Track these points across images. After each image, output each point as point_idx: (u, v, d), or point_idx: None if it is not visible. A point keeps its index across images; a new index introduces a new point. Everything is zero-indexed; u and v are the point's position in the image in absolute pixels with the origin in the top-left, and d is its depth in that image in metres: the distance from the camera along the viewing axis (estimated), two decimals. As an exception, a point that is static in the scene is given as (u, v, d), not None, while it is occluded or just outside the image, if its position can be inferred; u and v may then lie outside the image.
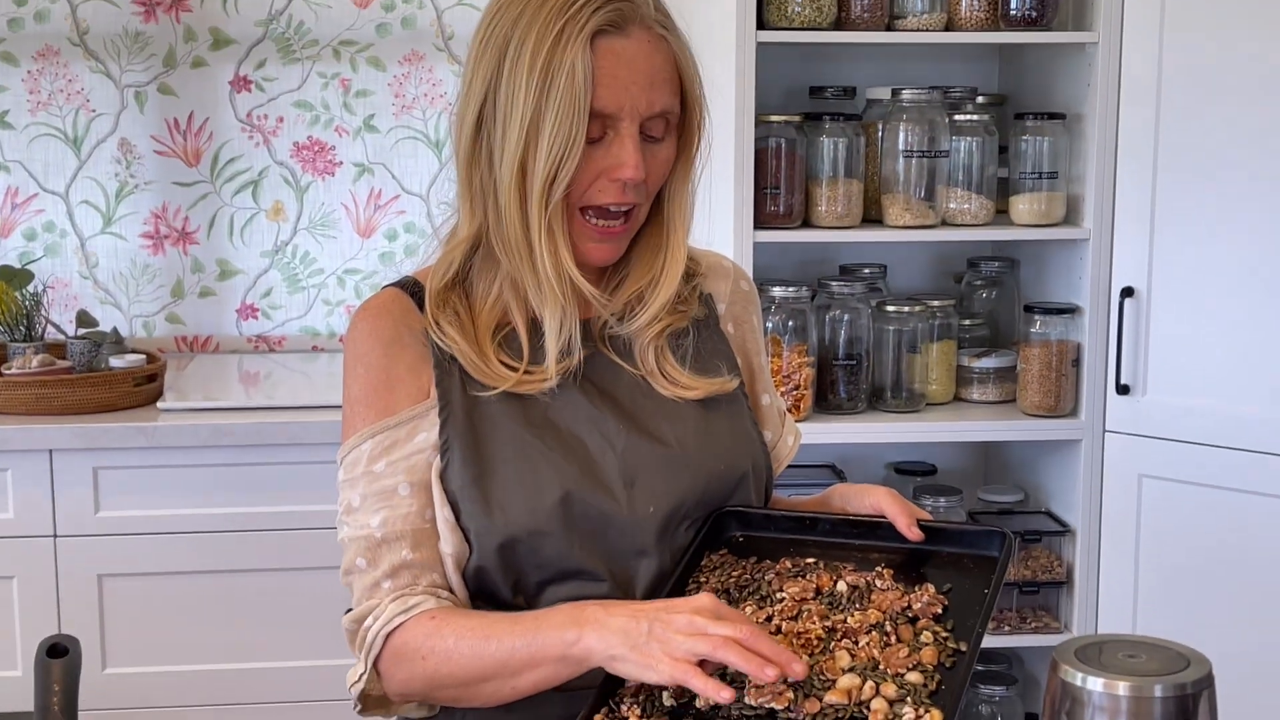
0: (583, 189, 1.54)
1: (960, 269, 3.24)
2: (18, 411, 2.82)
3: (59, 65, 3.28)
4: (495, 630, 1.47)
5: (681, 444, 1.62)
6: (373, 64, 3.37)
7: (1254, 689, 2.70)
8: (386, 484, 1.57)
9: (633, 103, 1.52)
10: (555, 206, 1.53)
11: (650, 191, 1.59)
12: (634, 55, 1.52)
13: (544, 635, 1.44)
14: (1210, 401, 2.76)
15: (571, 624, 1.42)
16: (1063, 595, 3.00)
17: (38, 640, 1.58)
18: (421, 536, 1.56)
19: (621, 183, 1.53)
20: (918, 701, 1.38)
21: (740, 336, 1.75)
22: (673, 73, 1.56)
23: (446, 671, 1.49)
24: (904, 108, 2.91)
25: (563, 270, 1.56)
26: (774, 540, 1.64)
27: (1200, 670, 1.23)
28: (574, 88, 1.49)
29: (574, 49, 1.49)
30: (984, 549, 1.58)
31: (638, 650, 1.36)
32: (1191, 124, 2.73)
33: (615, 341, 1.65)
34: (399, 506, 1.56)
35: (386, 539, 1.55)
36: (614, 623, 1.39)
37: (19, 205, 3.32)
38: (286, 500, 2.85)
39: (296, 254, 3.40)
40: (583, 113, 1.49)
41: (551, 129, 1.49)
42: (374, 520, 1.56)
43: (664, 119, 1.55)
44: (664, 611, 1.38)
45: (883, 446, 3.10)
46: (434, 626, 1.50)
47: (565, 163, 1.51)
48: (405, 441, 1.58)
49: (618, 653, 1.38)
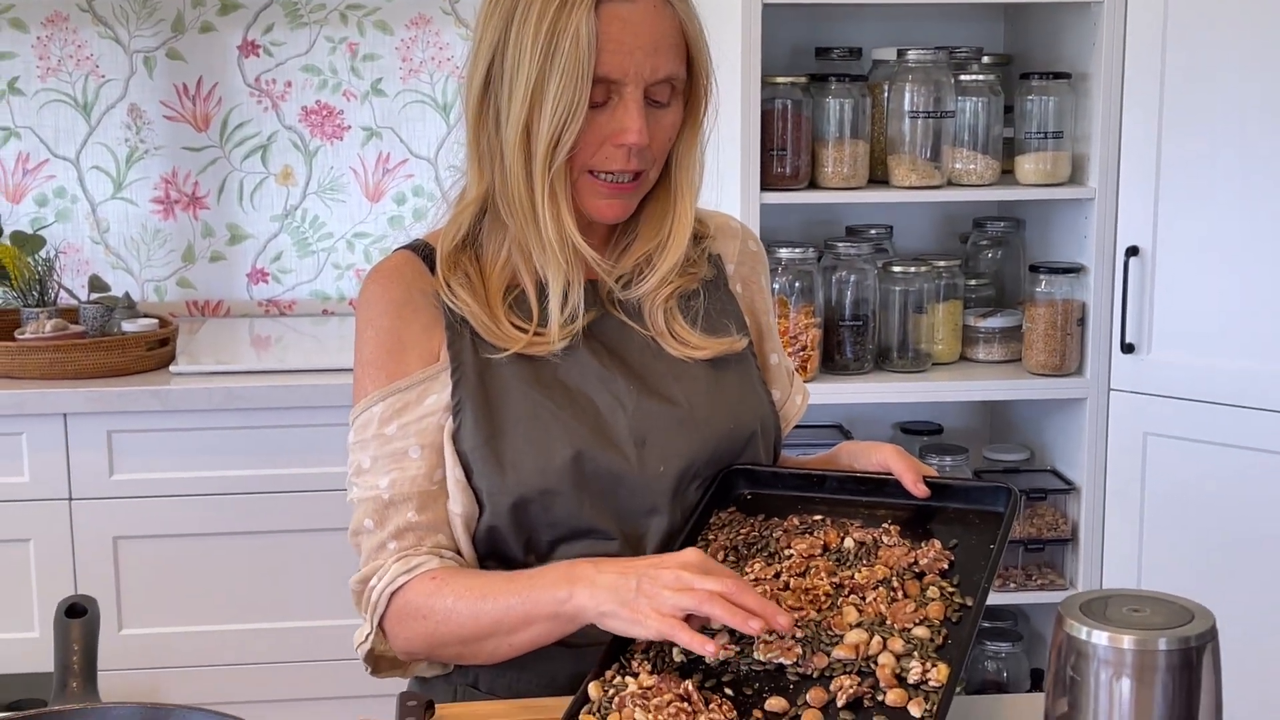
0: (589, 154, 1.54)
1: (966, 229, 3.24)
2: (32, 376, 2.83)
3: (68, 31, 3.28)
4: (492, 589, 1.49)
5: (691, 403, 1.63)
6: (380, 28, 3.36)
7: (1257, 643, 2.72)
8: (397, 446, 1.58)
9: (637, 68, 1.52)
10: (559, 170, 1.53)
11: (656, 157, 1.58)
12: (639, 21, 1.52)
13: (537, 594, 1.46)
14: (1215, 360, 2.76)
15: (564, 582, 1.44)
16: (1068, 552, 3.01)
17: (54, 602, 1.59)
18: (428, 499, 1.58)
19: (626, 149, 1.53)
20: (924, 656, 1.39)
21: (749, 296, 1.75)
22: (678, 39, 1.55)
23: (447, 630, 1.51)
24: (909, 68, 2.90)
25: (565, 233, 1.56)
26: (782, 498, 1.65)
27: (1204, 624, 1.24)
28: (578, 52, 1.49)
29: (579, 13, 1.49)
30: (990, 505, 1.58)
31: (627, 606, 1.39)
32: (1197, 82, 2.72)
33: (625, 303, 1.65)
34: (408, 469, 1.57)
35: (394, 500, 1.57)
36: (604, 580, 1.42)
37: (30, 171, 3.32)
38: (298, 462, 2.86)
39: (306, 218, 3.40)
40: (586, 77, 1.49)
41: (556, 92, 1.50)
42: (383, 482, 1.57)
43: (669, 85, 1.55)
44: (652, 568, 1.40)
45: (889, 406, 3.10)
46: (434, 587, 1.52)
47: (569, 126, 1.51)
48: (416, 404, 1.58)
49: (608, 609, 1.40)
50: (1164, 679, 1.22)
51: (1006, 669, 3.09)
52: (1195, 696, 1.23)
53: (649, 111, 1.55)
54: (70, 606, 1.53)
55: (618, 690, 1.40)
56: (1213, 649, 1.24)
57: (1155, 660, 1.22)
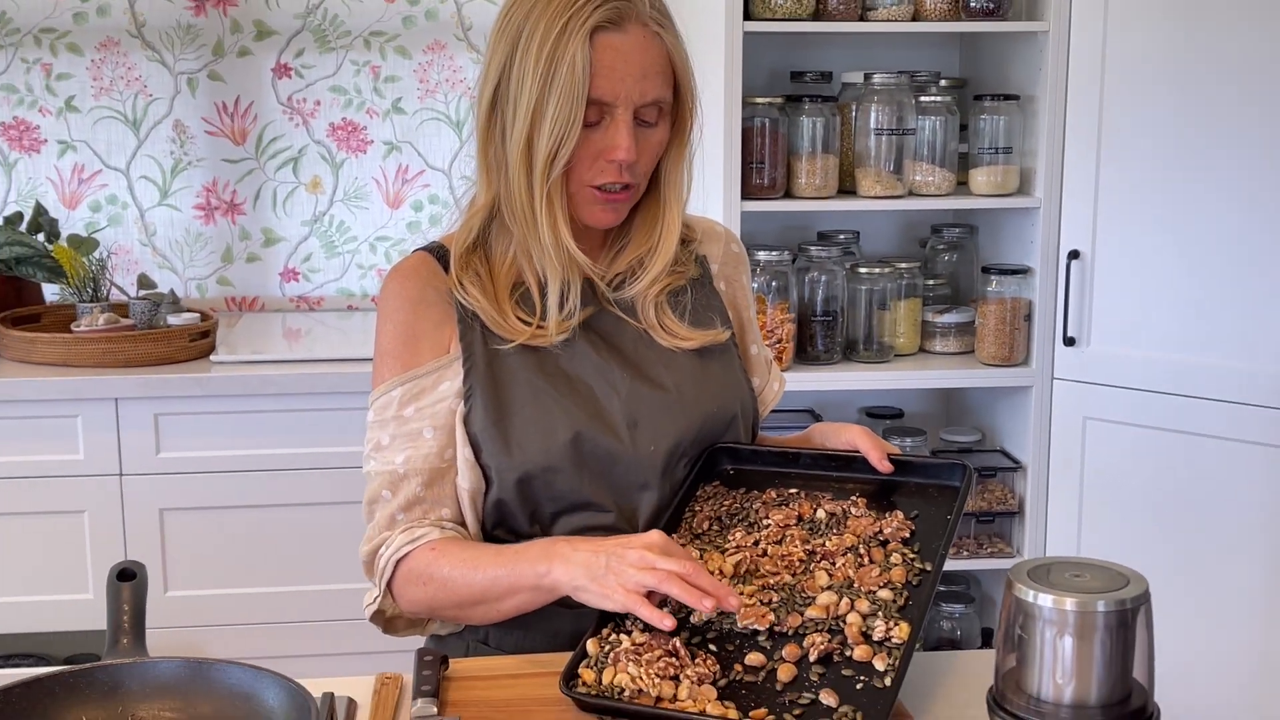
0: (584, 168, 1.54)
1: (925, 234, 3.24)
2: (87, 364, 2.82)
3: (119, 55, 3.27)
4: (481, 561, 1.51)
5: (679, 389, 1.62)
6: (400, 52, 3.35)
7: (1183, 603, 2.72)
8: (414, 427, 1.58)
9: (627, 92, 1.52)
10: (556, 182, 1.53)
11: (644, 171, 1.58)
12: (630, 50, 1.51)
13: (520, 567, 1.47)
14: (1147, 352, 2.77)
15: (543, 558, 1.45)
16: (1015, 524, 3.01)
17: (106, 567, 1.58)
18: (436, 475, 1.58)
19: (617, 164, 1.53)
20: (888, 616, 1.39)
21: (731, 293, 1.75)
22: (665, 65, 1.55)
23: (444, 595, 1.53)
24: (875, 90, 2.89)
25: (560, 238, 1.56)
26: (760, 473, 1.65)
27: (1138, 588, 1.24)
28: (574, 77, 1.49)
29: (575, 42, 1.49)
30: (947, 480, 1.59)
31: (597, 581, 1.40)
32: (1131, 105, 2.72)
33: (619, 299, 1.65)
34: (422, 447, 1.58)
35: (407, 474, 1.58)
36: (578, 557, 1.42)
37: (85, 181, 3.31)
38: (325, 442, 2.85)
39: (333, 223, 3.39)
40: (581, 100, 1.49)
41: (553, 112, 1.50)
42: (398, 458, 1.58)
43: (657, 107, 1.55)
44: (619, 547, 1.41)
45: (856, 393, 3.10)
46: (434, 557, 1.54)
47: (565, 143, 1.51)
48: (431, 390, 1.59)
49: (580, 583, 1.41)
50: (1102, 637, 1.22)
51: (960, 628, 3.09)
52: (1130, 652, 1.24)
53: (638, 130, 1.54)
54: (121, 571, 1.53)
55: (613, 646, 1.41)
56: (1146, 610, 1.24)
57: (1094, 620, 1.22)
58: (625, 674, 1.35)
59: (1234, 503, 2.69)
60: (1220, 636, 2.72)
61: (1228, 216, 2.65)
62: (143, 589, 1.52)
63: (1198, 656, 2.72)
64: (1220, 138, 2.63)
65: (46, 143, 3.28)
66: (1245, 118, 2.60)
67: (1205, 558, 2.73)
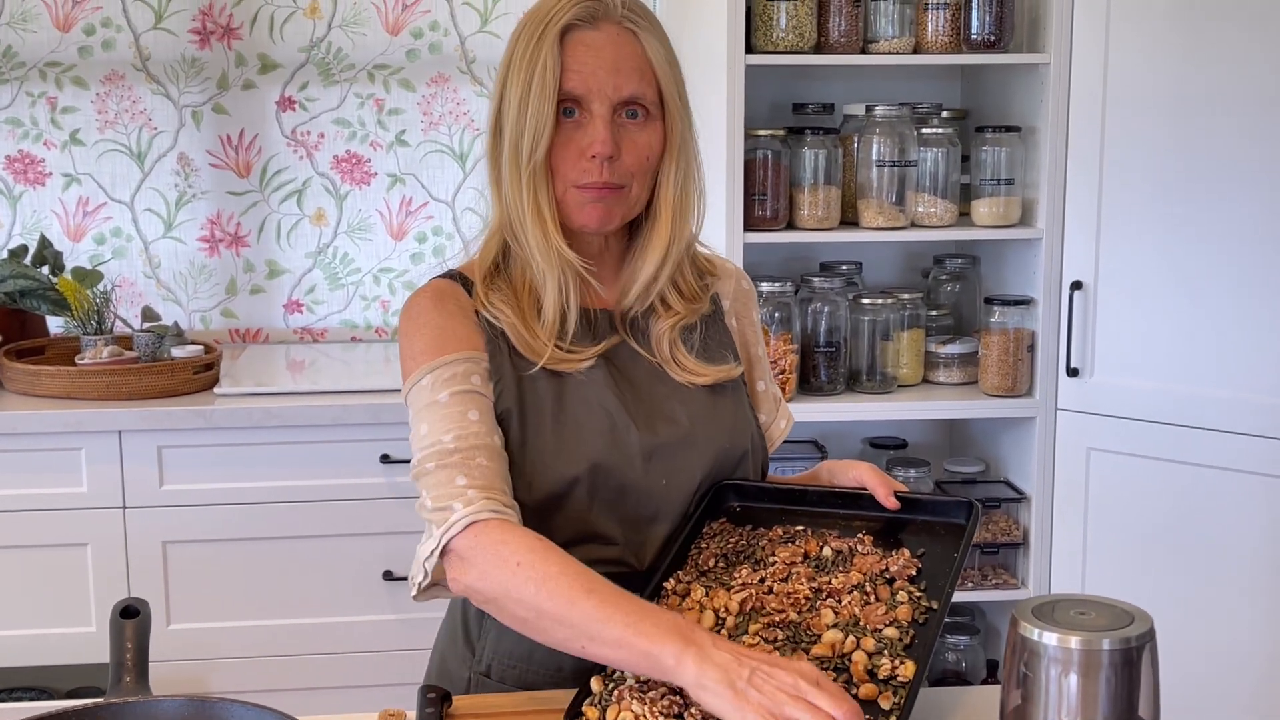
0: (568, 168, 1.55)
1: (927, 265, 3.24)
2: (90, 397, 2.82)
3: (124, 88, 3.28)
4: (599, 589, 1.36)
5: (693, 423, 1.62)
6: (403, 85, 3.36)
7: (1187, 634, 2.71)
8: (455, 409, 1.51)
9: (600, 86, 1.54)
10: (540, 180, 1.54)
11: (630, 170, 1.57)
12: (601, 45, 1.54)
13: (646, 627, 1.32)
14: (1150, 383, 2.76)
15: (679, 637, 1.30)
16: (1020, 555, 3.01)
17: (109, 600, 1.58)
18: (493, 452, 1.50)
19: (598, 161, 1.54)
20: (894, 654, 1.38)
21: (741, 330, 1.75)
22: (641, 62, 1.56)
23: (532, 590, 1.37)
24: (877, 122, 2.90)
25: (549, 238, 1.56)
26: (768, 510, 1.65)
27: (1143, 626, 1.23)
28: (545, 74, 1.53)
29: (548, 42, 1.53)
30: (954, 517, 1.58)
31: (733, 689, 1.26)
32: (1132, 136, 2.73)
33: (636, 332, 1.65)
34: (469, 426, 1.50)
35: (460, 448, 1.48)
36: (718, 657, 1.29)
37: (90, 213, 3.32)
38: (329, 474, 2.85)
39: (336, 255, 3.40)
40: (552, 95, 1.52)
41: (533, 111, 1.53)
42: (446, 436, 1.49)
43: (639, 106, 1.56)
44: (767, 665, 1.28)
45: (859, 424, 3.10)
46: (541, 547, 1.40)
47: (540, 137, 1.53)
48: (462, 378, 1.53)
49: (710, 684, 1.27)
50: (1108, 675, 1.22)
51: (965, 660, 3.08)
52: (1136, 691, 1.23)
53: (622, 129, 1.55)
54: (125, 608, 1.52)
55: (617, 684, 1.40)
56: (1151, 648, 1.24)
57: (1100, 659, 1.21)
58: (629, 712, 1.34)
59: (1238, 534, 2.69)
60: (1225, 668, 2.71)
61: (1230, 247, 2.65)
62: (146, 626, 1.52)
63: (1202, 689, 2.71)
64: (1222, 168, 2.64)
65: (51, 176, 3.29)
66: (1247, 148, 2.61)
67: (1210, 588, 2.72)
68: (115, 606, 1.52)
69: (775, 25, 2.77)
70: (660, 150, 1.59)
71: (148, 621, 1.52)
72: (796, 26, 2.77)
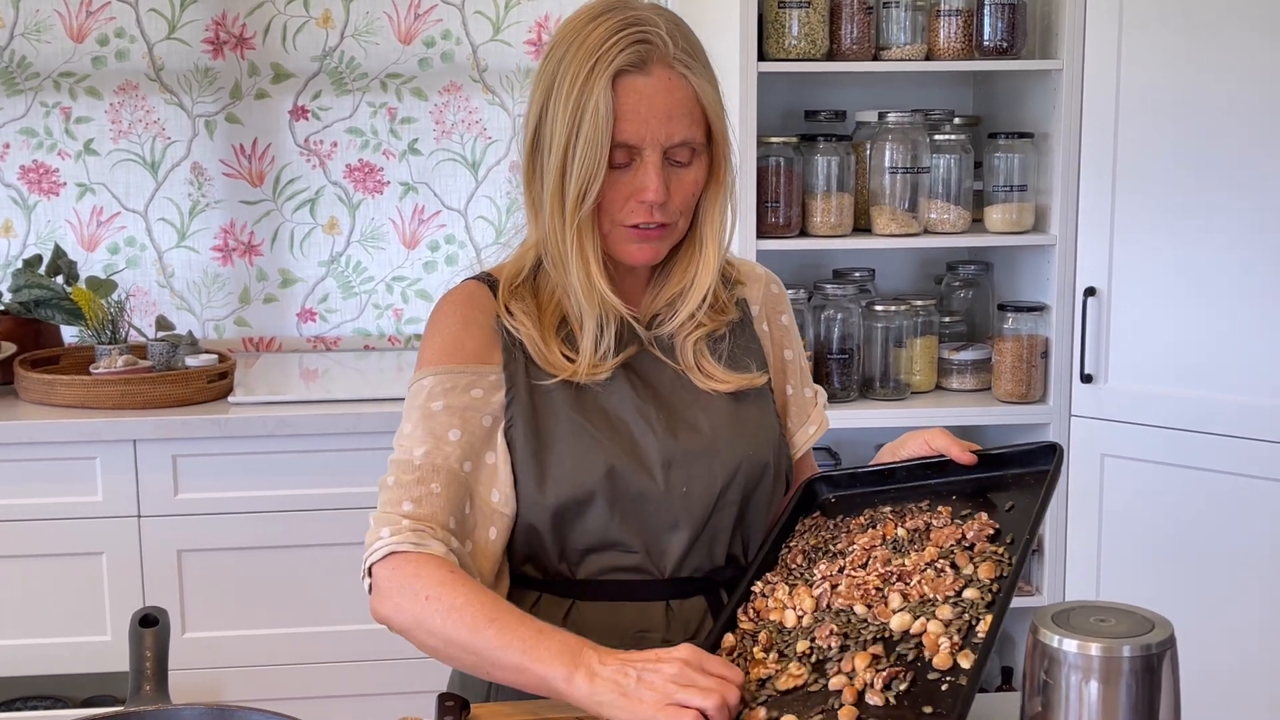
0: (616, 209, 1.55)
1: (940, 272, 3.24)
2: (105, 406, 2.83)
3: (138, 98, 3.29)
4: (500, 617, 1.41)
5: (714, 431, 1.62)
6: (416, 94, 3.37)
7: (1204, 640, 2.70)
8: (439, 424, 1.55)
9: (653, 134, 1.52)
10: (588, 222, 1.54)
11: (678, 210, 1.58)
12: (653, 92, 1.52)
13: (540, 652, 1.37)
14: (1164, 389, 2.76)
15: (568, 660, 1.36)
16: (1035, 562, 3.00)
17: (126, 609, 1.58)
18: (454, 480, 1.53)
19: (647, 205, 1.54)
20: (975, 615, 1.36)
21: (773, 334, 1.75)
22: (693, 106, 1.55)
23: (439, 623, 1.43)
24: (889, 129, 2.90)
25: (592, 279, 1.56)
26: (857, 496, 1.64)
27: (1164, 633, 1.23)
28: (597, 121, 1.50)
29: (599, 87, 1.50)
30: (1040, 464, 1.56)
31: (627, 696, 1.31)
32: (1145, 142, 2.73)
33: (659, 340, 1.66)
34: (443, 447, 1.54)
35: (423, 469, 1.53)
36: (605, 672, 1.33)
37: (104, 223, 3.33)
38: (343, 483, 2.85)
39: (350, 264, 3.40)
40: (605, 144, 1.51)
41: (581, 156, 1.51)
42: (418, 450, 1.54)
43: (688, 147, 1.55)
44: (652, 661, 1.33)
45: (873, 431, 3.09)
46: (451, 579, 1.44)
47: (591, 185, 1.52)
48: (462, 391, 1.57)
49: (604, 699, 1.32)
50: (1128, 682, 1.22)
51: (979, 667, 3.07)
52: (1156, 698, 1.23)
53: (671, 170, 1.55)
54: (144, 617, 1.53)
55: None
56: (1171, 655, 1.24)
57: (1120, 666, 1.21)
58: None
59: (1253, 539, 2.68)
60: (1242, 674, 2.70)
61: (1243, 252, 2.64)
62: (165, 635, 1.52)
63: (1218, 696, 2.70)
64: (1235, 174, 2.63)
65: (65, 185, 3.30)
66: (1260, 154, 2.61)
67: (1225, 594, 2.71)
68: (134, 615, 1.52)
69: (787, 32, 2.78)
70: (705, 181, 1.60)
71: (167, 630, 1.52)
72: (809, 33, 2.77)
